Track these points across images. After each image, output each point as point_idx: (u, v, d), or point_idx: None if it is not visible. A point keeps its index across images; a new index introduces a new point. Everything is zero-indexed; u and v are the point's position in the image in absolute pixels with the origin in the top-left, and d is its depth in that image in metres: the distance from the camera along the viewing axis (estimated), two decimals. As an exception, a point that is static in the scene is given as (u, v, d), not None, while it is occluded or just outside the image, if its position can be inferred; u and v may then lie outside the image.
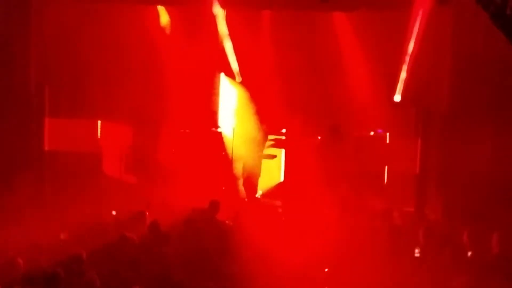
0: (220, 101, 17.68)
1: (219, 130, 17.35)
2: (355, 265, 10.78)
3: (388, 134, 16.89)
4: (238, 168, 16.98)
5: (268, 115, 16.83)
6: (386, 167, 16.74)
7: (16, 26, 15.29)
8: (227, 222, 13.27)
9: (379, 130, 16.91)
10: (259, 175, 16.89)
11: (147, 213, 12.97)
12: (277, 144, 17.20)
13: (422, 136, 16.34)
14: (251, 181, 16.78)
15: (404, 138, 16.71)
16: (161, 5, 17.09)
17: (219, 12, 16.45)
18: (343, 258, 11.12)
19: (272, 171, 17.32)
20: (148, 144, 16.89)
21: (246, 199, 16.66)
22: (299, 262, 10.69)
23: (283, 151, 17.26)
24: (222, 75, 17.56)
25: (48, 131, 16.07)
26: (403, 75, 16.29)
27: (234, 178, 17.02)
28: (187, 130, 17.14)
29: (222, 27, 16.63)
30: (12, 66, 15.41)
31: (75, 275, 9.93)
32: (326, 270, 10.41)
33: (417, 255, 11.53)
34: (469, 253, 11.19)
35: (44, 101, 15.93)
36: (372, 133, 16.97)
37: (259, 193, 16.99)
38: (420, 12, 15.54)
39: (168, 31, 17.21)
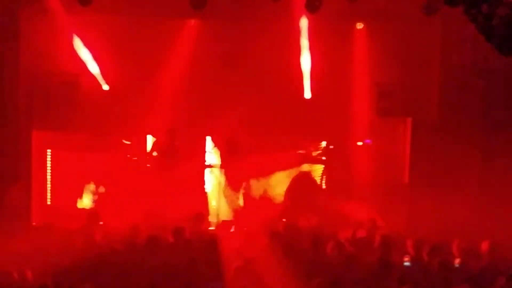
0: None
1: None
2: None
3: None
4: None
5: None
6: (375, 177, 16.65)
7: (4, 38, 15.23)
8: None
9: (367, 140, 16.88)
10: None
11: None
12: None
13: (411, 145, 16.36)
14: None
15: (393, 147, 16.72)
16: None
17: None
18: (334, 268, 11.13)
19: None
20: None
21: None
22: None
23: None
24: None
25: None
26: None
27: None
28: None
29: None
30: (0, 77, 15.35)
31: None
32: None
33: (406, 264, 11.53)
34: (458, 263, 11.19)
35: (31, 114, 15.87)
36: (360, 143, 16.93)
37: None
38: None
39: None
